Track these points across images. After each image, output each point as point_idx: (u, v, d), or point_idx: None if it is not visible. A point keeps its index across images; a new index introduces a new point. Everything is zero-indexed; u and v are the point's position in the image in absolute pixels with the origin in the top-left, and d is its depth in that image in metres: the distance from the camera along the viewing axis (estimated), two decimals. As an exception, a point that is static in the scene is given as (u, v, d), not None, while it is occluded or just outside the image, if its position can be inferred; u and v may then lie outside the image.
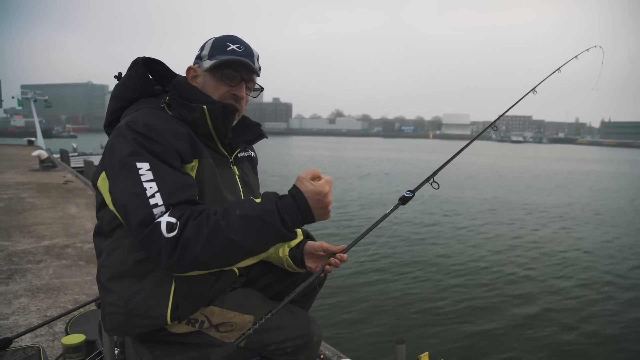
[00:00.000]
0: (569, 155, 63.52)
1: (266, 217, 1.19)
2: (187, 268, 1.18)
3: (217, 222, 1.17)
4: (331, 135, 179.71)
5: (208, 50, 1.44)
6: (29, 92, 30.07)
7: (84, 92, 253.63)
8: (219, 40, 1.46)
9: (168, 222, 1.16)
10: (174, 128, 1.32)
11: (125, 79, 1.44)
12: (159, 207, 1.18)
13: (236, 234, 1.17)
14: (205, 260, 1.16)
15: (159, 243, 1.15)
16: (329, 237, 10.24)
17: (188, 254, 1.15)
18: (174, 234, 1.15)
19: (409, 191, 1.66)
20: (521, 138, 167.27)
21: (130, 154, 1.22)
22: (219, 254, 1.17)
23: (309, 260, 1.60)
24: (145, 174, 1.21)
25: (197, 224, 1.16)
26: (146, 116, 1.31)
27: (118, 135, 1.28)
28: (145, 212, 1.17)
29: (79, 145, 26.67)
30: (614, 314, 6.41)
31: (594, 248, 10.16)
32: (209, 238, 1.15)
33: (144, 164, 1.22)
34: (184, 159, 1.30)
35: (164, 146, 1.25)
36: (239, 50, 1.44)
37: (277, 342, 1.45)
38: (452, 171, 24.67)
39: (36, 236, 5.35)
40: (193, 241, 1.14)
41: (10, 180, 10.66)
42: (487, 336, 5.56)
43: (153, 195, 1.19)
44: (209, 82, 1.44)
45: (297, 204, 1.22)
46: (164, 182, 1.21)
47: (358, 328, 5.58)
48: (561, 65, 2.39)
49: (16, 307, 3.24)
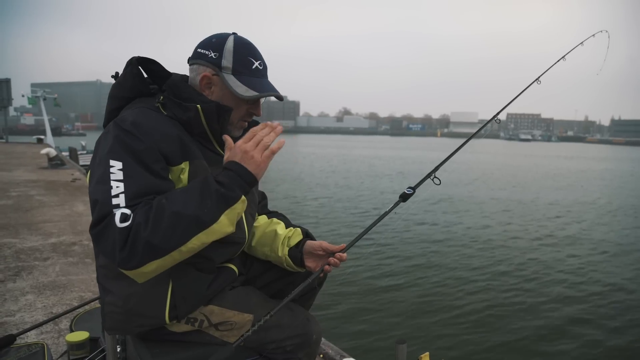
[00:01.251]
0: (580, 154, 62.74)
1: (203, 184, 1.20)
2: (140, 258, 1.12)
3: (160, 201, 1.16)
4: (339, 133, 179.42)
5: (231, 63, 1.37)
6: (39, 91, 30.31)
7: (93, 90, 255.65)
8: (240, 50, 1.39)
9: (122, 213, 1.14)
10: (163, 129, 1.30)
11: (121, 78, 1.43)
12: (120, 208, 1.15)
13: (177, 205, 1.15)
14: (156, 243, 1.11)
15: (112, 235, 1.12)
16: (331, 235, 10.25)
17: (138, 240, 1.11)
18: (127, 224, 1.12)
19: (410, 188, 1.64)
20: (530, 136, 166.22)
21: (109, 150, 1.22)
22: (167, 231, 1.12)
23: (309, 259, 1.59)
24: (116, 173, 1.19)
25: (146, 210, 1.14)
26: (136, 115, 1.30)
27: (106, 133, 1.29)
28: (105, 209, 1.15)
29: (87, 143, 26.79)
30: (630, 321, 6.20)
31: (617, 250, 9.90)
32: (155, 218, 1.13)
33: (117, 162, 1.20)
34: (170, 160, 1.29)
35: (146, 145, 1.24)
36: (260, 68, 1.42)
37: (277, 340, 1.45)
38: (461, 170, 24.57)
39: (44, 233, 5.39)
40: (143, 226, 1.12)
41: (19, 178, 10.76)
42: (488, 337, 5.52)
43: (117, 195, 1.17)
44: (229, 99, 1.40)
45: (227, 166, 1.25)
46: (132, 183, 1.19)
47: (359, 327, 5.56)
48: (566, 53, 2.31)
49: (22, 304, 3.27)
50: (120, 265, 1.13)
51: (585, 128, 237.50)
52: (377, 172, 26.48)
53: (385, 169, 29.29)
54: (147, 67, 1.47)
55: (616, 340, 5.56)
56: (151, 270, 1.17)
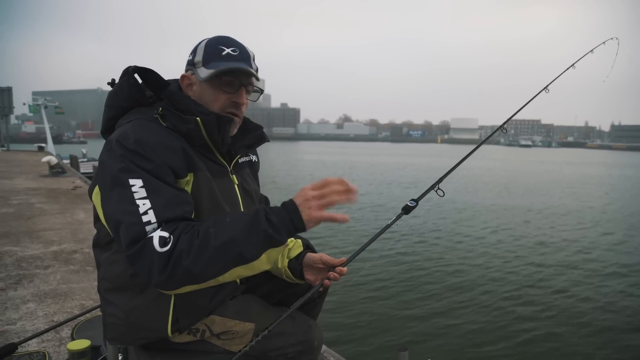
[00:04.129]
0: (583, 160, 62.47)
1: (253, 219, 1.17)
2: (178, 283, 1.14)
3: (206, 230, 1.15)
4: (339, 140, 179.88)
5: (202, 56, 1.37)
6: (40, 99, 30.47)
7: (94, 98, 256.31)
8: (211, 43, 1.39)
9: (161, 237, 1.13)
10: (167, 142, 1.28)
11: (117, 87, 1.40)
12: (151, 224, 1.15)
13: (223, 237, 1.14)
14: (197, 273, 1.13)
15: (150, 258, 1.12)
16: (332, 247, 10.20)
17: (179, 267, 1.11)
18: (167, 249, 1.12)
19: (413, 200, 1.60)
20: (530, 142, 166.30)
21: (122, 170, 1.20)
22: (209, 263, 1.13)
23: (308, 272, 1.57)
24: (139, 191, 1.18)
25: (189, 236, 1.14)
26: (138, 130, 1.27)
27: (109, 150, 1.25)
28: (137, 229, 1.15)
29: (88, 151, 26.81)
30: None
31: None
32: (199, 248, 1.12)
33: (137, 180, 1.19)
34: (178, 174, 1.27)
35: (156, 162, 1.22)
36: (234, 54, 1.38)
37: (278, 348, 1.44)
38: (462, 177, 24.22)
39: (45, 241, 5.39)
40: (185, 254, 1.11)
41: (20, 185, 10.76)
42: (490, 344, 5.48)
43: (146, 212, 1.16)
44: (207, 92, 1.39)
45: (284, 207, 1.21)
46: (157, 198, 1.18)
47: (360, 334, 5.54)
48: (576, 61, 2.26)
49: (24, 312, 3.26)
50: (156, 286, 1.16)
51: (586, 134, 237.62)
52: (380, 179, 26.48)
53: (387, 176, 29.25)
54: (144, 75, 1.43)
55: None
56: (184, 292, 1.19)
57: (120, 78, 1.40)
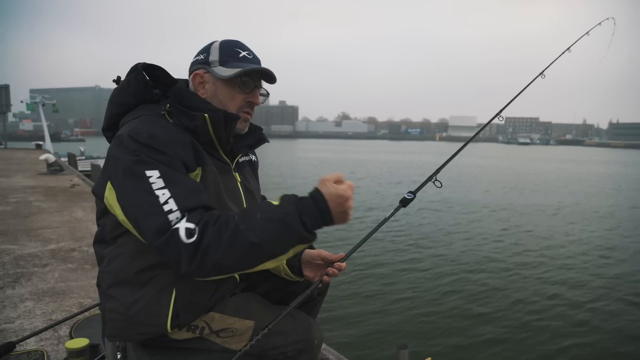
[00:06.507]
0: (583, 158, 62.42)
1: (287, 219, 1.17)
2: (208, 273, 1.18)
3: (237, 226, 1.16)
4: (337, 137, 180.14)
5: (218, 56, 1.41)
6: (38, 97, 30.36)
7: (92, 95, 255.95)
8: (226, 45, 1.44)
9: (187, 228, 1.15)
10: (178, 137, 1.30)
11: (125, 84, 1.41)
12: (173, 212, 1.17)
13: (257, 237, 1.15)
14: (227, 265, 1.16)
15: (177, 249, 1.14)
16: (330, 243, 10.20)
17: (209, 259, 1.14)
18: (193, 240, 1.14)
19: (410, 192, 1.59)
20: (528, 140, 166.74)
21: (137, 162, 1.21)
22: (241, 258, 1.16)
23: (307, 269, 1.58)
24: (156, 182, 1.20)
25: (216, 229, 1.15)
26: (148, 125, 1.29)
27: (120, 145, 1.25)
28: (161, 219, 1.16)
29: (86, 148, 26.74)
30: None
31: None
32: (229, 243, 1.14)
33: (153, 171, 1.21)
34: (188, 167, 1.30)
35: (170, 156, 1.25)
36: (249, 57, 1.44)
37: (279, 347, 1.44)
38: (463, 176, 24.50)
39: (43, 240, 5.37)
40: (214, 247, 1.14)
41: (18, 184, 10.74)
42: (491, 342, 5.49)
43: (167, 201, 1.18)
44: (222, 90, 1.42)
45: (317, 205, 1.20)
46: (176, 187, 1.21)
47: (360, 332, 5.54)
48: (572, 44, 2.27)
49: (22, 311, 3.25)
50: (184, 277, 1.20)
51: (584, 131, 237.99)
52: (377, 175, 26.50)
53: (385, 172, 29.28)
54: (151, 73, 1.45)
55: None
56: (211, 280, 1.24)
57: (127, 75, 1.42)
